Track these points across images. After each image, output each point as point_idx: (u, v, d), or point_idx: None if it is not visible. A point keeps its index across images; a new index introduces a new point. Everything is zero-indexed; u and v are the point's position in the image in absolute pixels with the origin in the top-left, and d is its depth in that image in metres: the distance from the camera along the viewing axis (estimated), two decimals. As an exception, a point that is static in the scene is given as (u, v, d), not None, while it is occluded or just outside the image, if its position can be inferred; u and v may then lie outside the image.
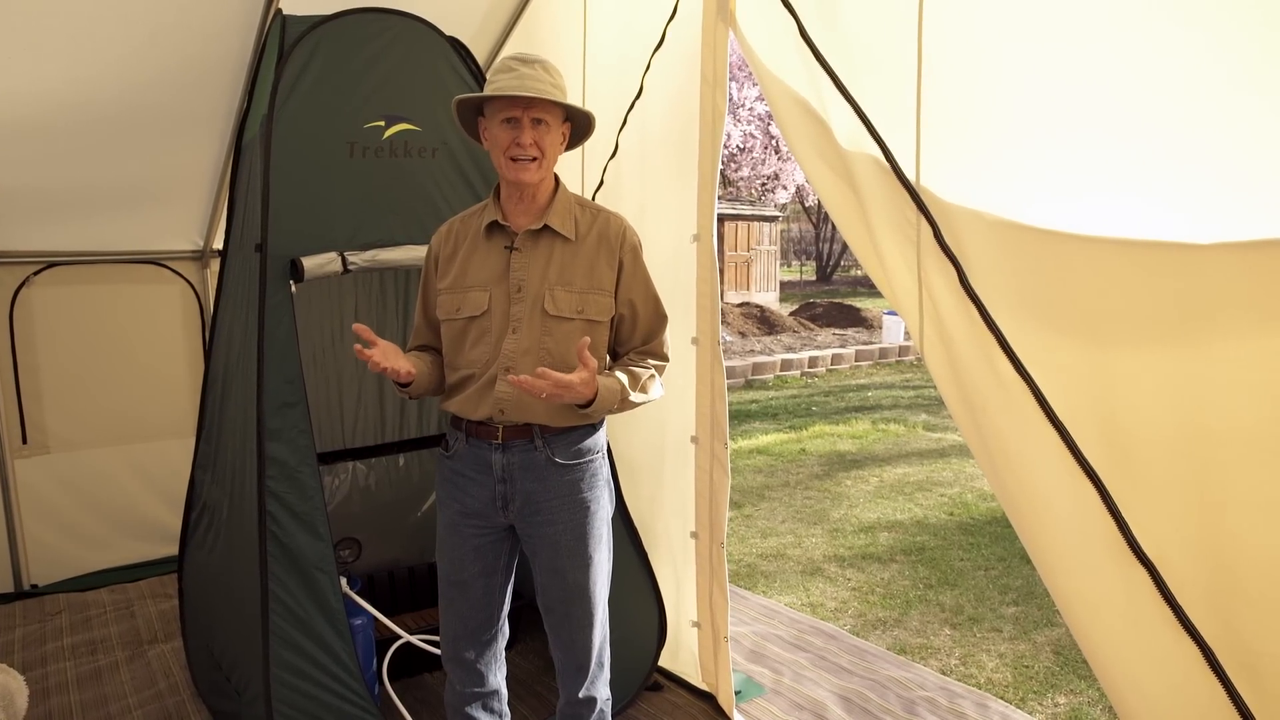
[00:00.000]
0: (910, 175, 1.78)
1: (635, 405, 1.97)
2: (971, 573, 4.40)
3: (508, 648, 2.21)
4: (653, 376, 2.02)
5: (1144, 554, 1.45)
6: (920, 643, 3.61)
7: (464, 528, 2.05)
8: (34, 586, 3.97)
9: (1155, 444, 1.45)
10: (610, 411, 1.96)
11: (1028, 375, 1.59)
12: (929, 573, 4.41)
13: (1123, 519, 1.47)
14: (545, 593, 2.06)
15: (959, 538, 4.94)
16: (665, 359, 2.09)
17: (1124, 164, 1.47)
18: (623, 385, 1.93)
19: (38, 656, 3.33)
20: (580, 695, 2.11)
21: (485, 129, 1.97)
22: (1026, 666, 3.37)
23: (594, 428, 2.03)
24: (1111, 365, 1.49)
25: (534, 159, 1.91)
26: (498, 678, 2.16)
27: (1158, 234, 1.43)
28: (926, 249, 1.76)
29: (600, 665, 2.13)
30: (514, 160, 1.90)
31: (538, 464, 1.97)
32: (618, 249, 1.99)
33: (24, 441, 3.92)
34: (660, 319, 2.08)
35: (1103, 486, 1.49)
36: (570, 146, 2.06)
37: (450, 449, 2.06)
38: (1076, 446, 1.53)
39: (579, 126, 2.03)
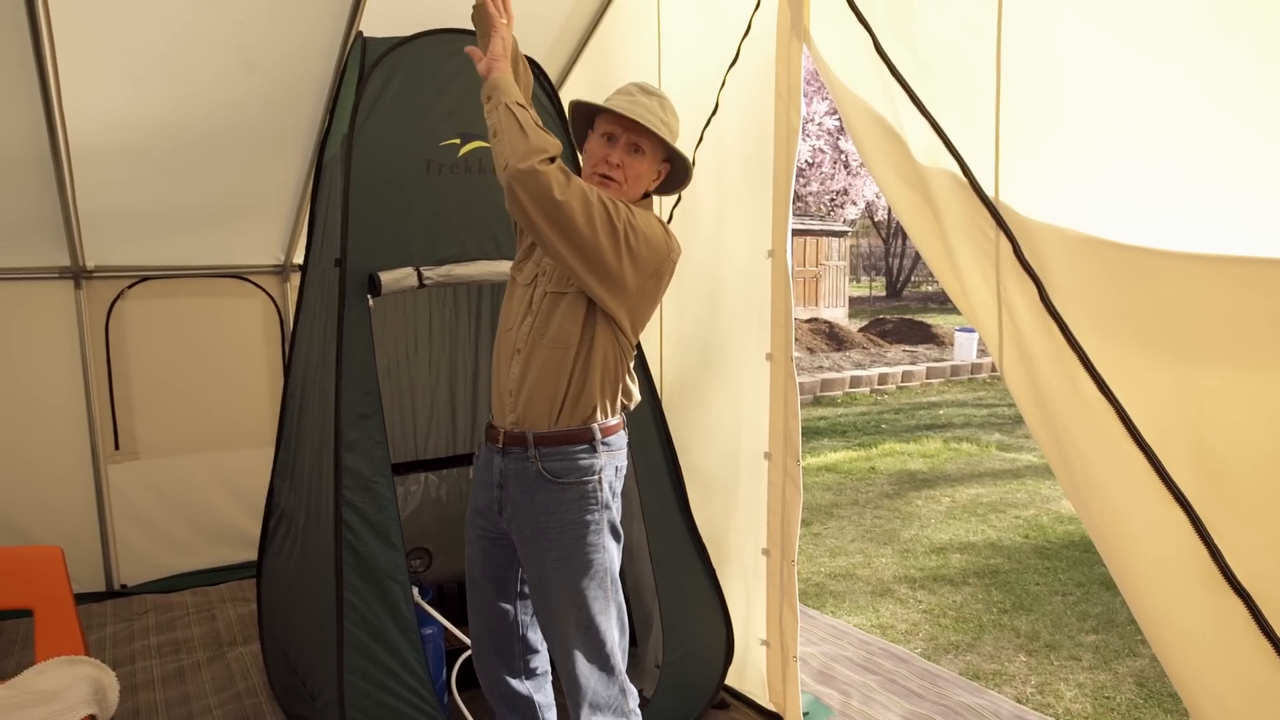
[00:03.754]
0: (989, 191, 1.75)
1: (515, 123, 1.79)
2: (1048, 598, 4.26)
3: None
4: (528, 132, 1.79)
5: (1239, 584, 1.39)
6: (994, 669, 3.51)
7: (474, 524, 2.12)
8: (123, 586, 4.13)
9: (1249, 468, 1.39)
10: (494, 92, 1.84)
11: (1112, 395, 1.54)
12: (1003, 596, 4.29)
13: (1215, 546, 1.41)
14: (535, 612, 2.05)
15: (1035, 561, 4.80)
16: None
17: (1211, 176, 1.42)
18: (517, 94, 1.84)
19: (126, 654, 3.46)
20: None
21: (588, 141, 2.04)
22: (1108, 698, 3.25)
23: (591, 447, 1.96)
24: (1201, 385, 1.43)
25: (615, 180, 1.95)
26: (526, 686, 2.17)
27: (1248, 249, 1.37)
28: (1006, 266, 1.72)
29: (601, 704, 2.00)
30: (598, 175, 1.95)
31: (528, 475, 1.96)
32: None
33: (116, 447, 4.09)
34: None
35: (1193, 512, 1.43)
36: (665, 191, 2.10)
37: (480, 449, 2.14)
38: (1165, 470, 1.47)
39: (677, 171, 2.06)
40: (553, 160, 1.78)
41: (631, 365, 2.06)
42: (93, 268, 3.94)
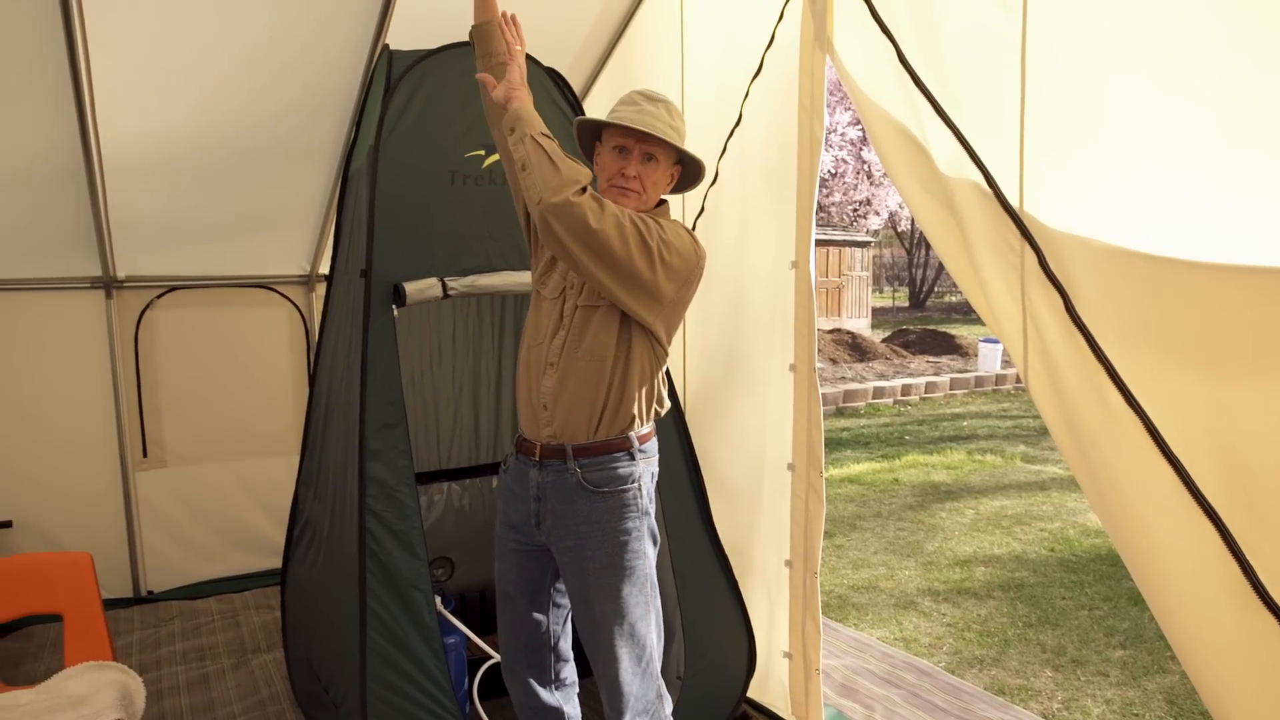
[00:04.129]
0: (1014, 202, 1.74)
1: (544, 156, 1.80)
2: (1074, 612, 4.21)
3: (584, 674, 2.20)
4: (559, 164, 1.80)
5: (1272, 599, 1.36)
6: (1020, 684, 3.47)
7: (507, 540, 2.11)
8: (150, 593, 4.17)
9: (1281, 481, 1.37)
10: (518, 124, 1.84)
11: (1139, 407, 1.53)
12: (1029, 610, 4.25)
13: (1246, 561, 1.39)
14: (576, 621, 2.05)
15: (1060, 575, 4.75)
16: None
17: (1242, 187, 1.41)
18: (541, 125, 1.84)
19: (153, 660, 3.50)
20: None
21: (598, 154, 2.04)
22: (1136, 715, 3.20)
23: (630, 456, 1.99)
24: (1232, 398, 1.42)
25: (634, 191, 1.96)
26: (555, 697, 2.17)
27: (1278, 259, 1.36)
28: (1031, 276, 1.71)
29: (642, 710, 2.03)
30: (615, 188, 1.96)
31: (568, 486, 1.97)
32: None
33: (144, 455, 4.14)
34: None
35: (1223, 526, 1.41)
36: (678, 190, 2.11)
37: (507, 462, 2.14)
38: (1193, 483, 1.45)
39: (690, 171, 2.08)
40: (584, 190, 1.80)
41: (663, 372, 2.07)
42: (123, 278, 4.00)
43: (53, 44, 2.73)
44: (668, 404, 2.12)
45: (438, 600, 2.49)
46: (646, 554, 2.02)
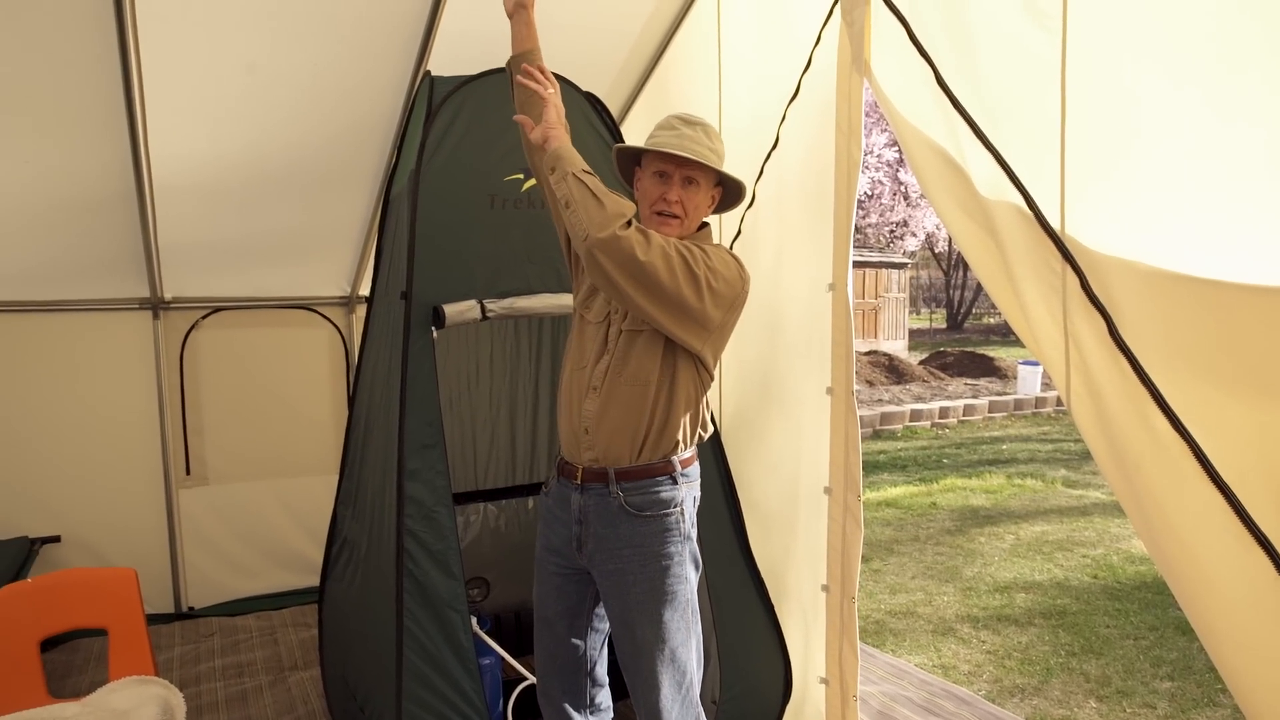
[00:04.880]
0: (1055, 224, 1.73)
1: (588, 193, 1.81)
2: (1119, 641, 4.11)
3: (617, 699, 2.18)
4: (603, 200, 1.81)
5: (1326, 631, 1.33)
6: (1063, 714, 3.39)
7: (547, 563, 2.10)
8: (190, 609, 4.23)
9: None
10: (558, 163, 1.86)
11: (1186, 432, 1.50)
12: (1071, 639, 4.16)
13: (1300, 591, 1.35)
14: (617, 645, 2.04)
15: (1104, 603, 4.64)
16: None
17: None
18: (581, 162, 1.86)
19: (192, 675, 3.54)
20: None
21: (638, 179, 2.06)
22: (1185, 748, 3.12)
23: (673, 480, 1.99)
24: (1282, 423, 1.39)
25: (676, 216, 1.97)
26: None
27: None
28: (1073, 299, 1.69)
29: None
30: (658, 214, 1.97)
31: (610, 510, 1.97)
32: None
33: (187, 473, 4.21)
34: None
35: (1276, 554, 1.38)
36: (720, 210, 2.12)
37: (548, 485, 2.14)
38: (1244, 510, 1.42)
39: (730, 192, 2.08)
40: (629, 224, 1.81)
41: (707, 396, 2.07)
42: (170, 299, 4.09)
43: (108, 73, 2.81)
44: (711, 428, 2.11)
45: (473, 620, 2.49)
46: (688, 579, 2.01)
